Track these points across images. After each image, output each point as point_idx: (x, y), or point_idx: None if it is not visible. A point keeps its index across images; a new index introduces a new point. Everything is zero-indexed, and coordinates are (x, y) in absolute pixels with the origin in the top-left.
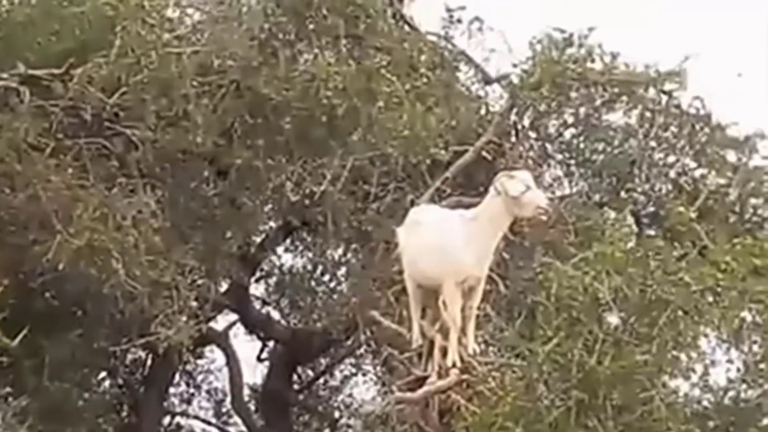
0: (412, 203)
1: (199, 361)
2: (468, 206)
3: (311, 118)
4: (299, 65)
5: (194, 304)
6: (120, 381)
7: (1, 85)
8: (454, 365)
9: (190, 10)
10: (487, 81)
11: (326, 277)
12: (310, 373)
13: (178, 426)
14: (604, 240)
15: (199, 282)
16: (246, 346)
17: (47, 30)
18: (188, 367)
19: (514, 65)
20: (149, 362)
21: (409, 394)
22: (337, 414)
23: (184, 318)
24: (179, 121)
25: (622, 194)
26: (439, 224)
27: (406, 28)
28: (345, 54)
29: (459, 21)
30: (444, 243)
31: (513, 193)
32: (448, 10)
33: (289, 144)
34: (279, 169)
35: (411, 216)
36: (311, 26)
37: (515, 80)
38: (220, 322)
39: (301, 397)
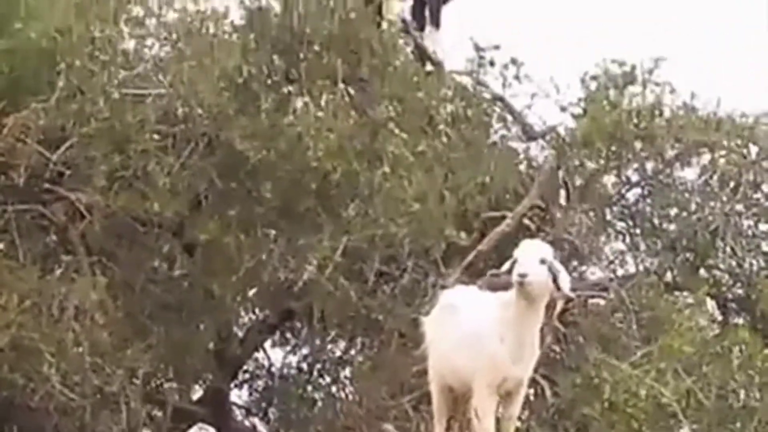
0: (435, 285)
1: None
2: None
3: (297, 184)
4: (287, 116)
5: (158, 414)
6: None
7: None
8: None
9: (149, 42)
10: (530, 136)
11: (326, 380)
12: None
13: None
14: (674, 331)
15: (165, 386)
16: None
17: None
18: None
19: (563, 109)
20: None
21: None
22: None
23: None
24: (136, 182)
25: (701, 272)
26: (475, 310)
27: (424, 67)
28: (346, 102)
29: (491, 63)
30: (478, 334)
31: (513, 279)
32: (478, 49)
33: (269, 216)
34: (255, 247)
35: (443, 300)
36: (303, 65)
37: (563, 132)
38: None
39: None
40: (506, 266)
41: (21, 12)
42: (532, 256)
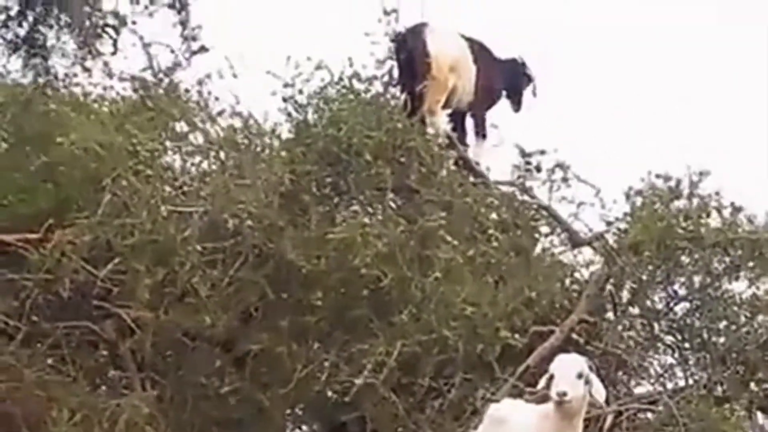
0: (483, 400)
1: None
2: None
3: (348, 292)
4: (337, 225)
5: None
6: None
7: None
8: None
9: (196, 158)
10: (576, 243)
11: None
12: None
13: None
14: None
15: None
16: None
17: (16, 187)
18: None
19: (609, 223)
20: None
21: None
22: None
23: None
24: (184, 297)
25: (752, 386)
26: (519, 424)
27: (471, 177)
28: (394, 210)
29: (537, 169)
30: None
31: (552, 397)
32: (524, 155)
33: (321, 325)
34: (306, 357)
35: (490, 413)
36: (351, 176)
37: (611, 241)
38: None
39: None
40: (542, 382)
41: (60, 125)
42: (569, 372)
